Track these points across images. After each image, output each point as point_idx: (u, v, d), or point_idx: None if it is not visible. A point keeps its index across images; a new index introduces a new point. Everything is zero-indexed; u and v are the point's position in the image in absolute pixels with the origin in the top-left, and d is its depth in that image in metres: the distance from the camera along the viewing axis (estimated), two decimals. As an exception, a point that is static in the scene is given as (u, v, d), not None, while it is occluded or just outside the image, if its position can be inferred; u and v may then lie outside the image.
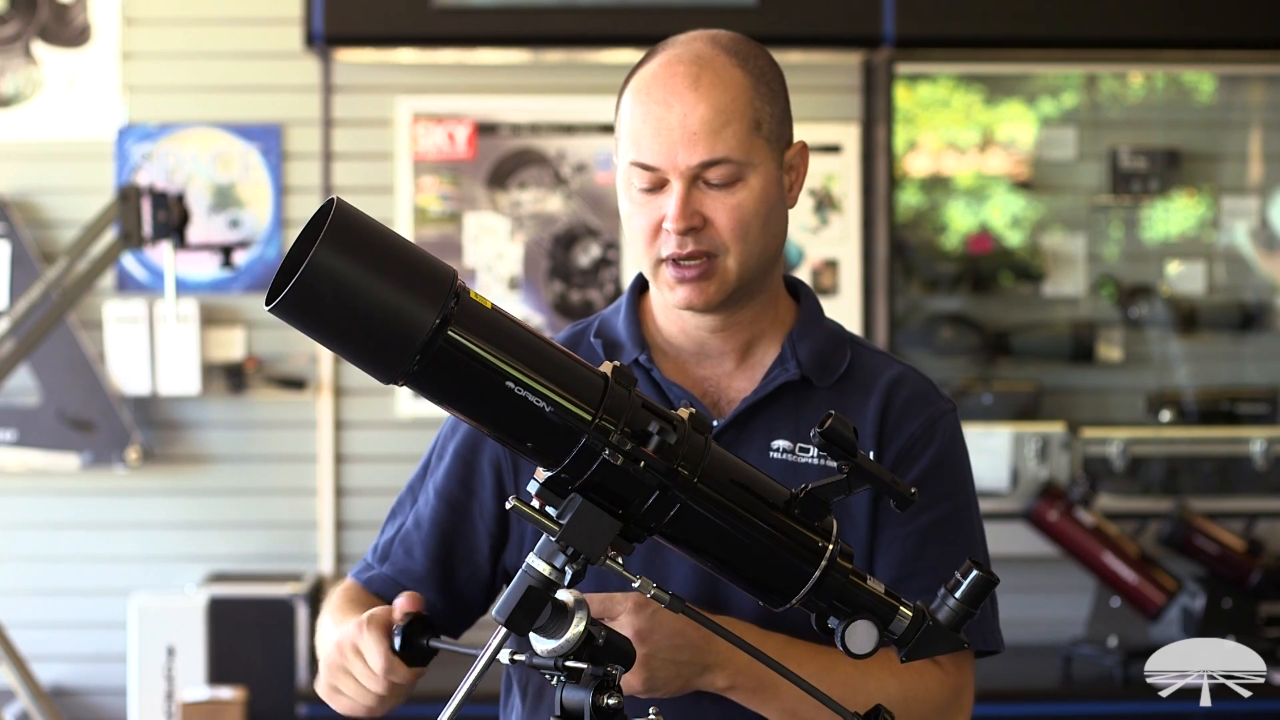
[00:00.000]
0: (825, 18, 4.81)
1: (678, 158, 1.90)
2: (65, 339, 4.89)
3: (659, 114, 1.91)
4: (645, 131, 1.91)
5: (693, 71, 1.91)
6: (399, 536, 2.07)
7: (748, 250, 1.93)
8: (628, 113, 1.95)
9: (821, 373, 2.00)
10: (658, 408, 1.59)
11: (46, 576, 5.00)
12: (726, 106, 1.91)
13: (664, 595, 1.58)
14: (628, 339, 2.04)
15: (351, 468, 5.03)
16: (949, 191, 5.31)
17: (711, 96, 1.90)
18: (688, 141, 1.90)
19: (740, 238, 1.92)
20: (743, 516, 1.60)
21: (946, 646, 1.62)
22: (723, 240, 1.92)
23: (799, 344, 2.01)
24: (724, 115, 1.90)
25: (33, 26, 5.01)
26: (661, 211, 1.92)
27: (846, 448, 1.58)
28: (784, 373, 1.99)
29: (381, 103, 5.03)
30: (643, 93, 1.93)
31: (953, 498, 2.00)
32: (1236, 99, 5.36)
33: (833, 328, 2.06)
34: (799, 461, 1.96)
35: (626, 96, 1.96)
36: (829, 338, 2.04)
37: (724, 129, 1.90)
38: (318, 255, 1.45)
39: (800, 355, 2.00)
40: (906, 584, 1.92)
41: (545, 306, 5.04)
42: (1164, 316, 5.24)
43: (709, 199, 1.92)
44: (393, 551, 2.07)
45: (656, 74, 1.93)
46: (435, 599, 2.03)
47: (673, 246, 1.92)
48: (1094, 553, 4.65)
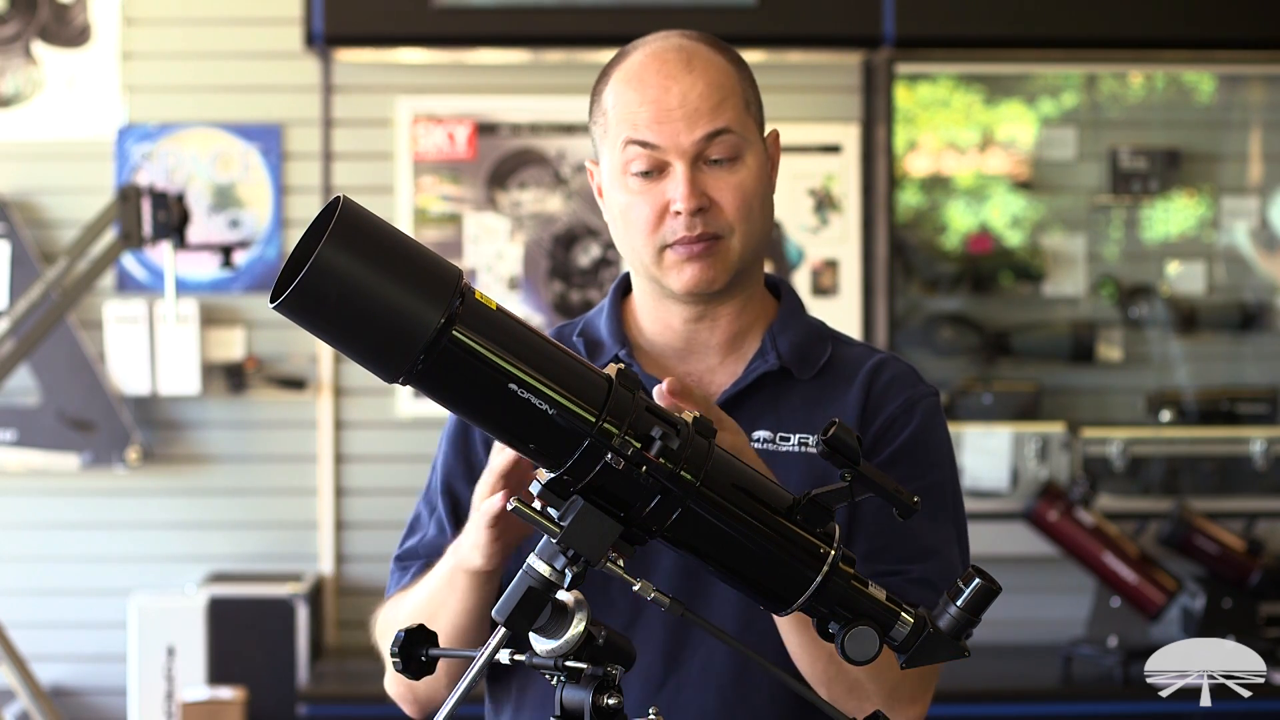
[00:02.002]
0: (825, 18, 4.81)
1: (680, 135, 1.92)
2: (65, 339, 4.89)
3: (656, 96, 1.93)
4: (644, 114, 1.93)
5: (682, 57, 1.95)
6: (424, 546, 2.06)
7: (750, 230, 1.96)
8: (618, 100, 1.95)
9: (801, 364, 2.02)
10: (662, 410, 1.58)
11: (46, 576, 5.00)
12: (722, 83, 1.95)
13: (664, 599, 1.58)
14: (608, 336, 2.05)
15: (351, 468, 5.03)
16: (949, 191, 5.31)
17: (707, 75, 1.94)
18: (689, 118, 1.92)
19: (745, 217, 1.95)
20: (745, 520, 1.59)
21: (948, 654, 1.62)
22: (728, 220, 1.94)
23: (779, 337, 2.03)
24: (721, 91, 1.94)
25: (33, 26, 5.00)
26: (664, 197, 1.93)
27: (850, 455, 1.57)
28: (764, 364, 2.01)
29: (381, 103, 5.03)
30: (635, 79, 1.95)
31: (929, 475, 1.99)
32: (1236, 99, 5.36)
33: (813, 323, 2.08)
34: (779, 450, 1.97)
35: (611, 89, 1.97)
36: (809, 332, 2.06)
37: (723, 103, 1.94)
38: (323, 253, 1.45)
39: (780, 347, 2.02)
40: (884, 553, 1.92)
41: (545, 306, 5.04)
42: (1164, 316, 5.24)
43: (712, 179, 1.94)
44: (421, 550, 2.06)
45: (645, 63, 1.95)
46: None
47: (681, 229, 1.93)
48: (1094, 553, 4.65)
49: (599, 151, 2.01)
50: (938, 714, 4.94)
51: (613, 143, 1.96)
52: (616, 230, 2.00)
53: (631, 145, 1.94)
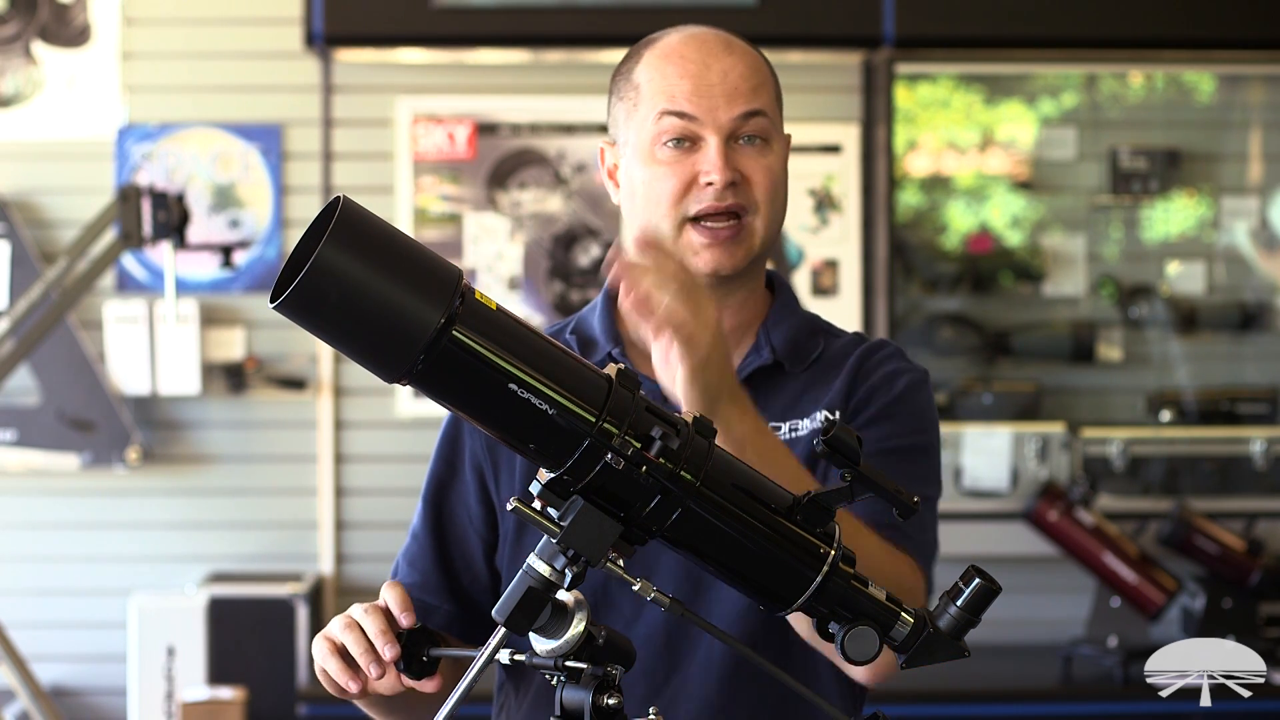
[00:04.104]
0: (825, 18, 4.82)
1: (719, 110, 1.95)
2: (65, 339, 4.89)
3: (696, 71, 1.95)
4: (684, 86, 1.95)
5: (721, 40, 1.99)
6: (403, 551, 2.09)
7: (773, 214, 1.99)
8: (654, 73, 1.97)
9: (794, 358, 2.03)
10: (662, 411, 1.58)
11: (46, 576, 5.00)
12: (760, 68, 1.99)
13: (664, 599, 1.58)
14: (601, 334, 2.06)
15: (351, 468, 5.03)
16: (949, 191, 5.31)
17: (747, 58, 1.99)
18: (729, 94, 1.95)
19: (771, 199, 1.98)
20: (745, 520, 1.59)
21: (948, 653, 1.62)
22: (755, 199, 1.97)
23: (773, 331, 2.04)
24: (759, 75, 1.98)
25: (33, 26, 5.01)
26: (694, 169, 1.95)
27: (849, 455, 1.57)
28: (757, 358, 2.02)
29: (381, 103, 5.03)
30: (674, 54, 1.97)
31: (910, 436, 1.98)
32: (1236, 99, 5.36)
33: (806, 316, 2.09)
34: None
35: (646, 64, 1.99)
36: (803, 325, 2.06)
37: (760, 86, 1.98)
38: (323, 253, 1.45)
39: (774, 341, 2.03)
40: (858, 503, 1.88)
41: (545, 306, 5.04)
42: (1164, 316, 5.24)
43: (743, 157, 1.96)
44: (400, 568, 2.08)
45: (685, 41, 1.98)
46: (448, 607, 2.04)
47: (709, 199, 1.95)
48: (1094, 553, 4.66)
49: (622, 129, 2.01)
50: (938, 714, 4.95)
51: (644, 115, 1.97)
52: (632, 208, 2.00)
53: (667, 116, 1.95)
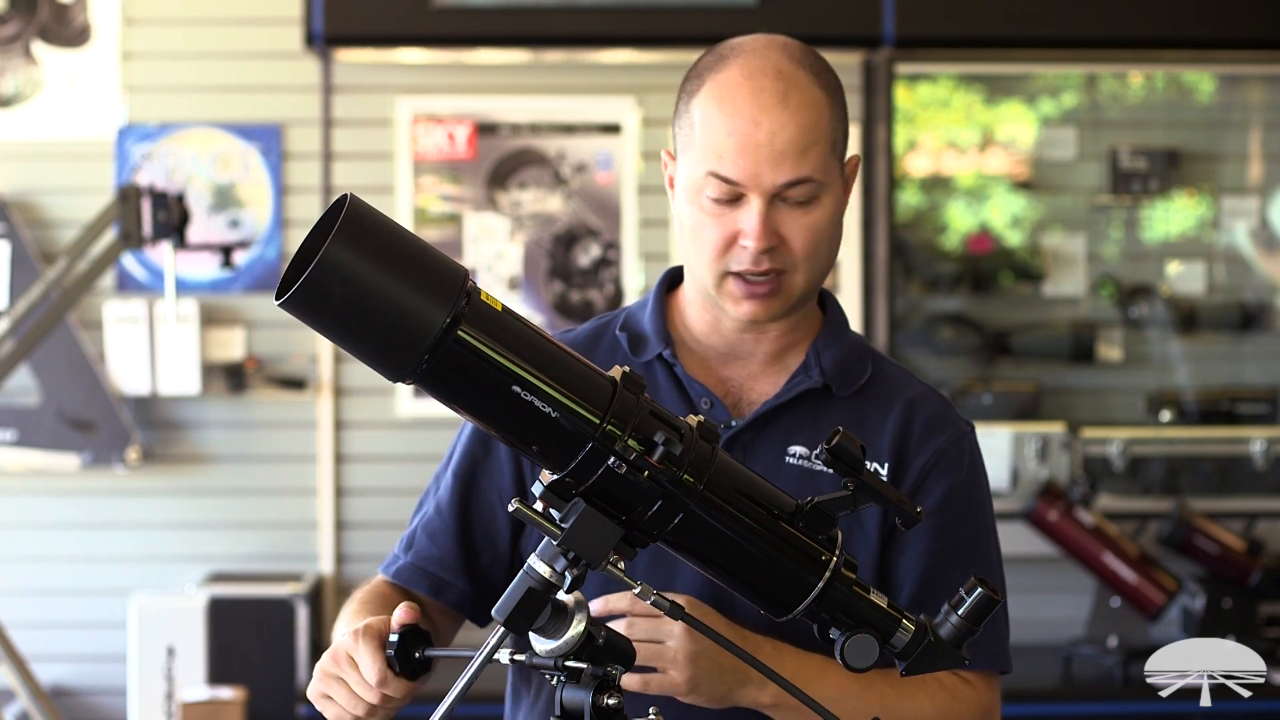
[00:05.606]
0: (825, 18, 4.81)
1: (763, 176, 1.88)
2: (65, 339, 4.89)
3: (745, 129, 1.88)
4: (730, 145, 1.89)
5: (779, 88, 1.90)
6: (422, 524, 2.05)
7: (815, 267, 1.94)
8: (706, 120, 1.91)
9: (842, 382, 2.00)
10: (666, 414, 1.58)
11: (46, 576, 5.00)
12: (812, 127, 1.90)
13: (664, 602, 1.58)
14: (653, 334, 2.03)
15: (351, 468, 5.03)
16: (949, 191, 5.31)
17: (800, 117, 1.89)
18: (774, 160, 1.88)
19: (811, 256, 1.93)
20: (747, 525, 1.59)
21: (948, 662, 1.62)
22: (795, 259, 1.92)
23: (823, 352, 2.01)
24: (811, 136, 1.89)
25: (33, 26, 5.00)
26: (736, 226, 1.90)
27: (853, 464, 1.57)
28: (807, 379, 1.99)
29: (381, 103, 5.03)
30: (727, 103, 1.90)
31: (976, 520, 2.01)
32: (1236, 99, 5.36)
33: (856, 339, 2.06)
34: (814, 469, 1.95)
35: (701, 101, 1.92)
36: (852, 348, 2.04)
37: (810, 149, 1.89)
38: (329, 251, 1.45)
39: (824, 363, 2.00)
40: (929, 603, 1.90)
41: (545, 306, 5.04)
42: (1164, 316, 5.24)
43: (786, 217, 1.91)
44: (416, 540, 2.05)
45: (741, 85, 1.90)
46: (463, 585, 2.02)
47: (746, 263, 1.91)
48: (1094, 553, 4.65)
49: (679, 154, 1.97)
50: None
51: (694, 159, 1.93)
52: (683, 237, 1.97)
53: (712, 177, 1.90)
